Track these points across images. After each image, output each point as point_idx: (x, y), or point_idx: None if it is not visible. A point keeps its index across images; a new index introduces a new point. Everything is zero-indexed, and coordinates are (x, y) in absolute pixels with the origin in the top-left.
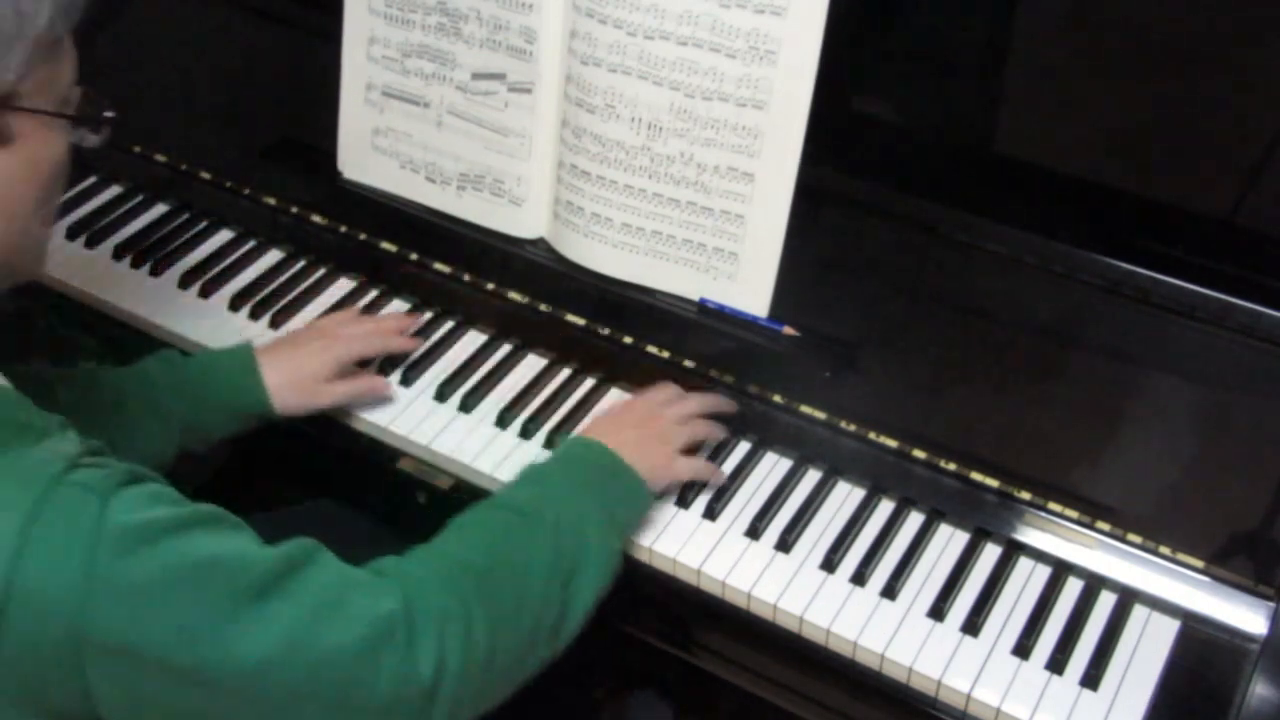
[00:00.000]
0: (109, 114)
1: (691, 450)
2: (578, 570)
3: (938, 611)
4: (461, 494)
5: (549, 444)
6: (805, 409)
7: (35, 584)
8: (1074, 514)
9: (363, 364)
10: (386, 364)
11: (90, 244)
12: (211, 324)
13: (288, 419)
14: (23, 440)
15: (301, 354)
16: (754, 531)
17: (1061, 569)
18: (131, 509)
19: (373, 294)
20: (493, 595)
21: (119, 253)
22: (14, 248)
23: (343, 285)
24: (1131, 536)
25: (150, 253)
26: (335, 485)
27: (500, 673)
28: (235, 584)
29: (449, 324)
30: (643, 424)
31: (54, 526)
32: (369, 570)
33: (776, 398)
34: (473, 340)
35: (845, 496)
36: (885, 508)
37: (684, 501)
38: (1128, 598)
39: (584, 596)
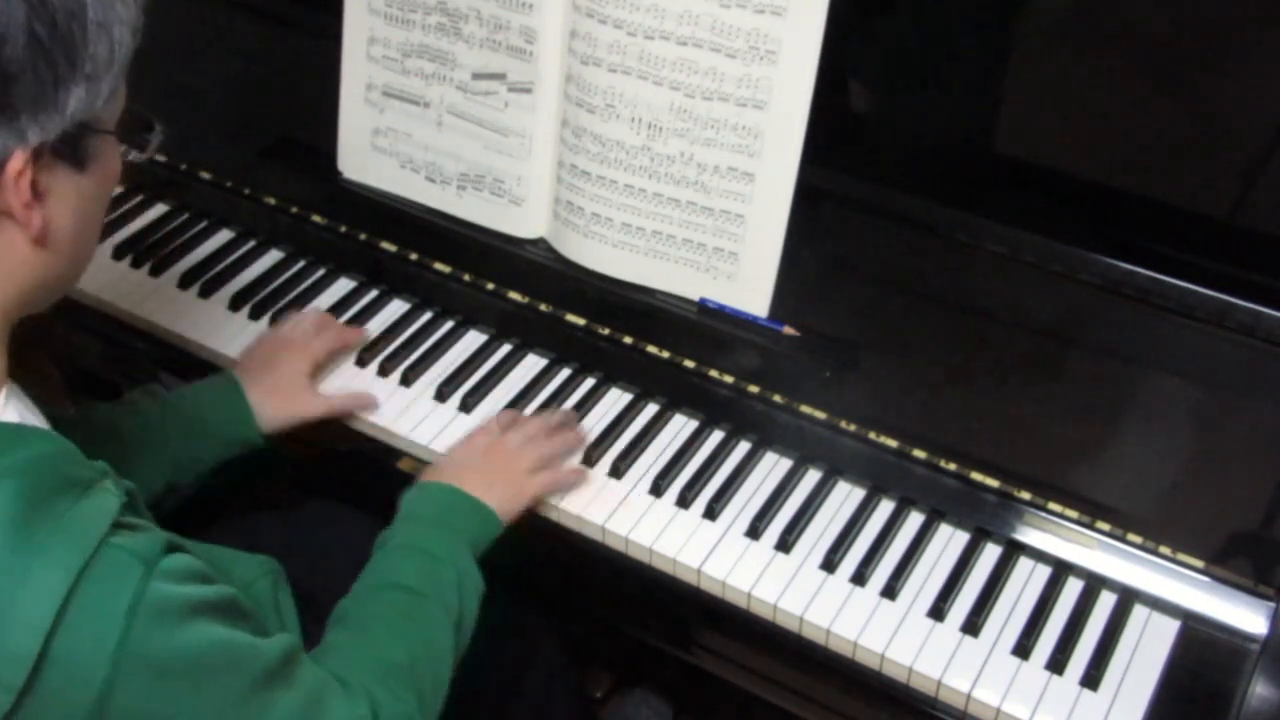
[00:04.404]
0: (158, 129)
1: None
2: (464, 610)
3: (938, 611)
4: None
5: None
6: (805, 409)
7: (74, 646)
8: (1074, 514)
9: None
10: (387, 363)
11: None
12: (211, 324)
13: (277, 435)
14: (70, 495)
15: (274, 372)
16: (754, 531)
17: (1061, 569)
18: (170, 581)
19: (373, 294)
20: (422, 682)
21: (119, 253)
22: (78, 264)
23: (343, 285)
24: (1131, 536)
25: (150, 253)
26: (336, 486)
27: None
28: (249, 671)
29: (449, 324)
30: (487, 457)
31: (99, 590)
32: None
33: (776, 398)
34: (473, 340)
35: (845, 496)
36: (885, 508)
37: (684, 502)
38: (1128, 598)
39: (471, 620)
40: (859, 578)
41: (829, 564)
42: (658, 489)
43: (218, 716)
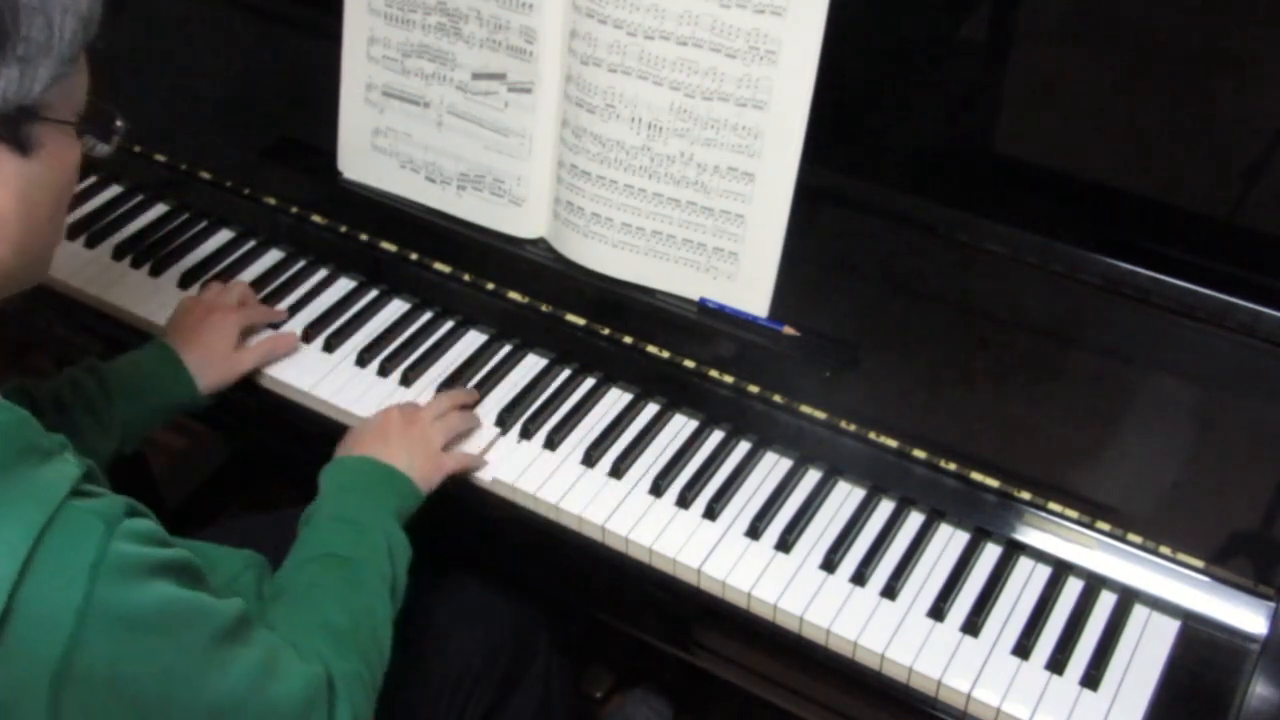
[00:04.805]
0: (120, 123)
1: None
2: (397, 574)
3: (938, 611)
4: (461, 494)
5: (549, 444)
6: (805, 409)
7: (39, 602)
8: (1074, 514)
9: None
10: (387, 363)
11: (90, 244)
12: None
13: (213, 397)
14: (30, 461)
15: (207, 334)
16: (754, 531)
17: (1061, 569)
18: (132, 541)
19: (373, 294)
20: (365, 644)
21: (119, 253)
22: (30, 255)
23: (343, 285)
24: (1131, 536)
25: (150, 253)
26: None
27: (379, 690)
28: (209, 627)
29: (449, 324)
30: (404, 432)
31: (61, 547)
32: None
33: (776, 398)
34: (473, 340)
35: (845, 496)
36: (885, 508)
37: (684, 502)
38: (1128, 598)
39: (402, 584)
40: (859, 578)
41: (829, 564)
42: (658, 489)
43: (182, 673)
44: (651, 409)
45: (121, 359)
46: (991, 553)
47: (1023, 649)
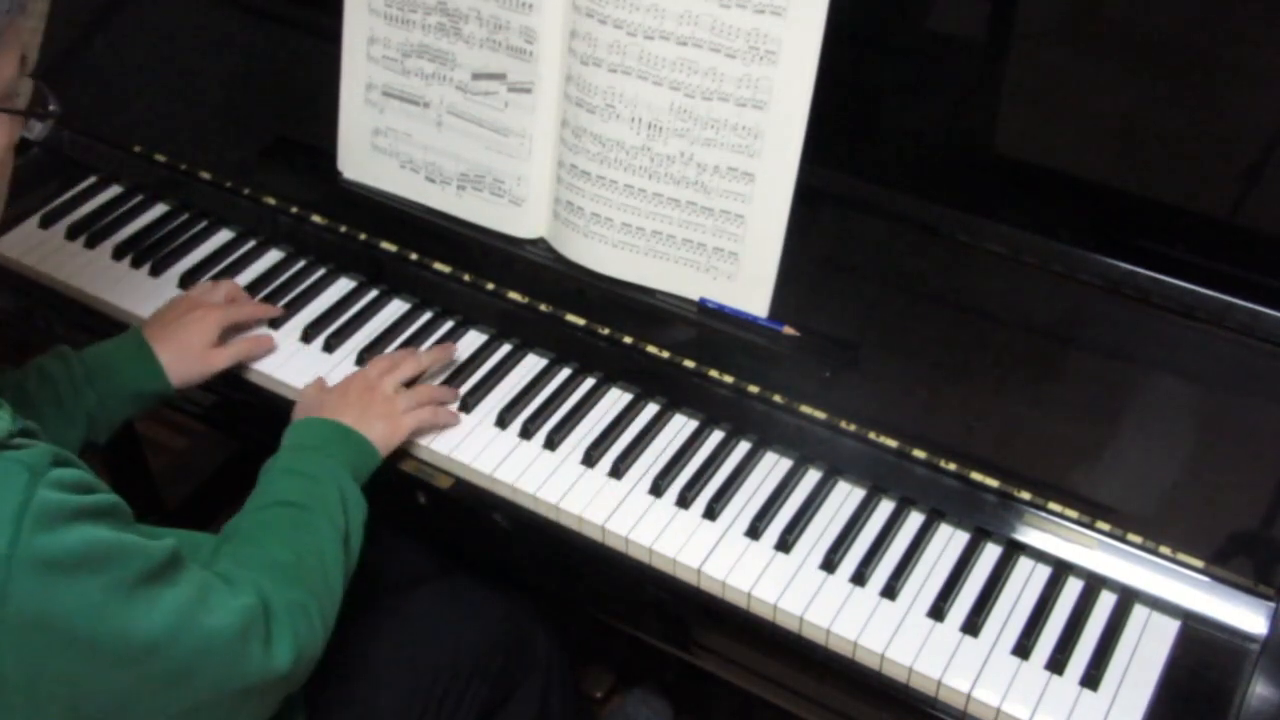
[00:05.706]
0: (53, 108)
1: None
2: (350, 527)
3: (938, 611)
4: (461, 493)
5: (549, 444)
6: (805, 409)
7: None
8: (1074, 514)
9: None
10: None
11: (90, 244)
12: None
13: (184, 391)
14: None
15: (185, 329)
16: (754, 531)
17: (1061, 569)
18: (57, 488)
19: (373, 294)
20: (311, 579)
21: (119, 253)
22: None
23: (343, 285)
24: (1131, 536)
25: (150, 253)
26: None
27: (329, 629)
28: (134, 566)
29: (449, 324)
30: (362, 397)
31: None
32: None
33: (776, 398)
34: (473, 340)
35: (845, 496)
36: (885, 508)
37: (684, 502)
38: (1128, 598)
39: (357, 539)
40: (859, 578)
41: (829, 564)
42: (658, 489)
43: (110, 610)
44: (651, 409)
45: (93, 347)
46: (991, 553)
47: (1023, 649)
